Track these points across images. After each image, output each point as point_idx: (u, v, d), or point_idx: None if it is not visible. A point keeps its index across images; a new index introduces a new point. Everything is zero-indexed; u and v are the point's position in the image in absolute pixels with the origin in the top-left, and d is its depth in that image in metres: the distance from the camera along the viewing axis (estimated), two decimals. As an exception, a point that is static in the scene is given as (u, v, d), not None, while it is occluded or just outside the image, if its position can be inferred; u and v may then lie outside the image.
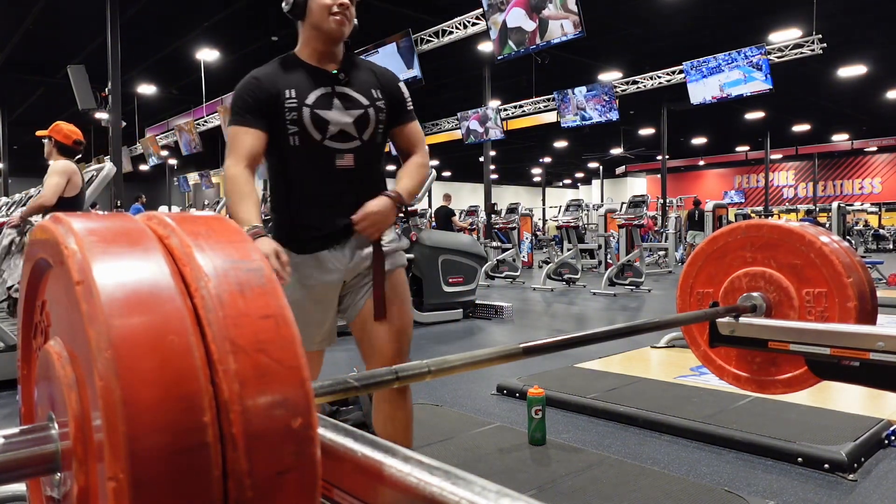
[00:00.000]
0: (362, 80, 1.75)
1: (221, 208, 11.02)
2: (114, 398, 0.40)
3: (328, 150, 1.68)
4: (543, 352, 1.08)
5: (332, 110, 1.68)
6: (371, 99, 1.73)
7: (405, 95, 1.82)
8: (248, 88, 1.69)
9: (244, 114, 1.68)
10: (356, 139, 1.71)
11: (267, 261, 0.50)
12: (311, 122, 1.66)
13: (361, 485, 0.56)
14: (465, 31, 9.81)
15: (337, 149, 1.69)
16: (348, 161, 1.70)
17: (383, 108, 1.75)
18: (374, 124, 1.73)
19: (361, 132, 1.71)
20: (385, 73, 1.83)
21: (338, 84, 1.71)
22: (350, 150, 1.70)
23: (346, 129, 1.69)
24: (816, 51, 9.61)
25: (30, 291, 0.62)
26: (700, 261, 1.66)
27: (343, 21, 1.69)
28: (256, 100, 1.67)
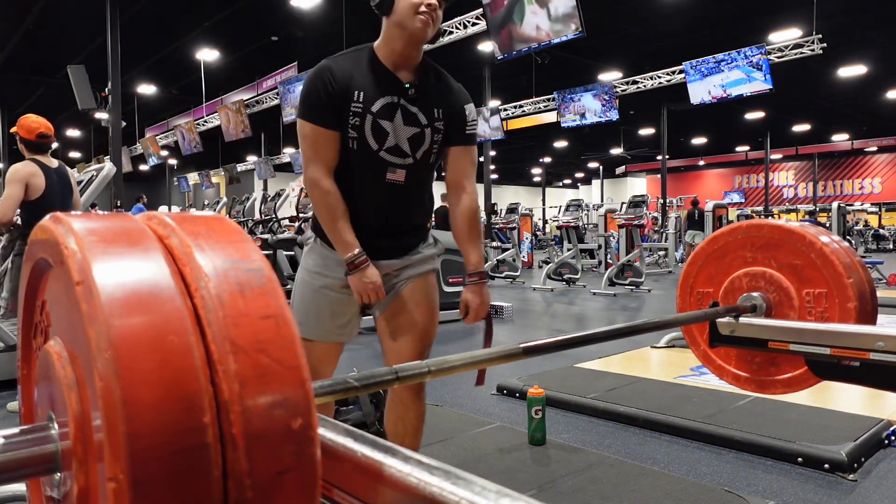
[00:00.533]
0: (430, 96, 1.70)
1: (221, 208, 11.02)
2: (114, 398, 0.40)
3: (382, 161, 1.67)
4: (543, 352, 1.08)
5: (392, 122, 1.66)
6: (431, 119, 1.69)
7: (469, 118, 1.76)
8: (324, 81, 1.64)
9: (322, 111, 1.63)
10: (409, 156, 1.69)
11: (267, 261, 0.50)
12: (372, 130, 1.64)
13: (361, 485, 0.56)
14: (465, 31, 9.81)
15: (390, 162, 1.68)
16: (399, 176, 1.69)
17: (441, 129, 1.71)
18: (428, 145, 1.70)
19: (415, 151, 1.69)
20: (456, 92, 1.76)
21: (405, 97, 1.67)
22: (402, 166, 1.69)
23: (401, 145, 1.67)
24: (816, 51, 9.61)
25: (30, 291, 0.62)
26: (700, 260, 1.66)
27: (428, 22, 1.61)
28: (329, 94, 1.63)
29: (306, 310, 1.75)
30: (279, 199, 8.56)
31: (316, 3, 10.80)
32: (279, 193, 8.82)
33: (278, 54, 13.46)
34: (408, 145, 1.67)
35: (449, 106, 1.72)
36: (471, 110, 1.77)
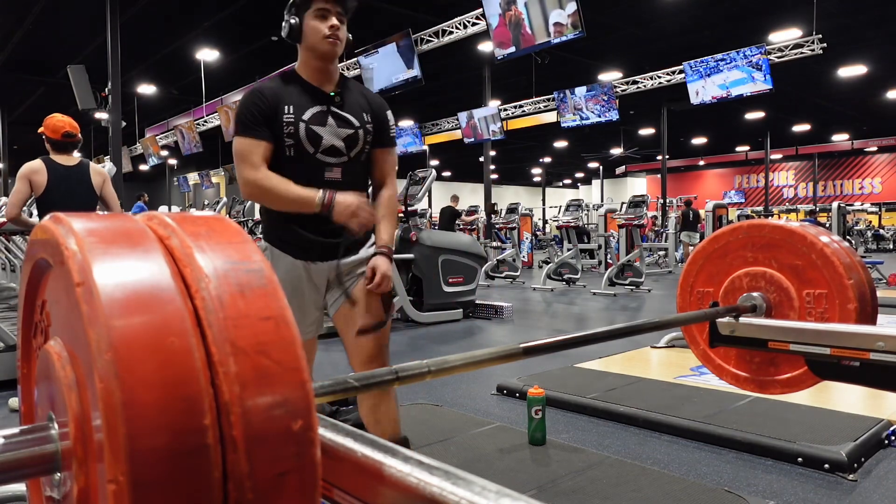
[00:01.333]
0: (354, 103, 1.93)
1: (221, 208, 11.02)
2: (114, 400, 0.40)
3: (319, 163, 1.86)
4: (543, 352, 1.08)
5: (325, 127, 1.86)
6: (361, 121, 1.91)
7: (390, 122, 2.00)
8: (254, 102, 1.84)
9: (254, 127, 1.82)
10: (345, 155, 1.89)
11: (267, 262, 0.50)
12: (306, 136, 1.84)
13: (361, 485, 0.56)
14: (465, 31, 9.81)
15: (327, 162, 1.87)
16: (336, 174, 1.88)
17: (371, 130, 1.93)
18: (361, 144, 1.91)
19: (350, 150, 1.89)
20: (375, 99, 2.00)
21: (332, 104, 1.88)
22: (338, 165, 1.88)
23: (336, 146, 1.87)
24: (816, 51, 9.61)
25: (30, 291, 0.62)
26: (701, 260, 1.66)
27: (335, 42, 1.84)
28: (262, 112, 1.82)
29: None
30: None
31: (316, 3, 10.79)
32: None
33: (278, 54, 13.46)
34: (343, 145, 1.88)
35: (373, 111, 1.96)
36: (390, 116, 2.01)
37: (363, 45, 10.76)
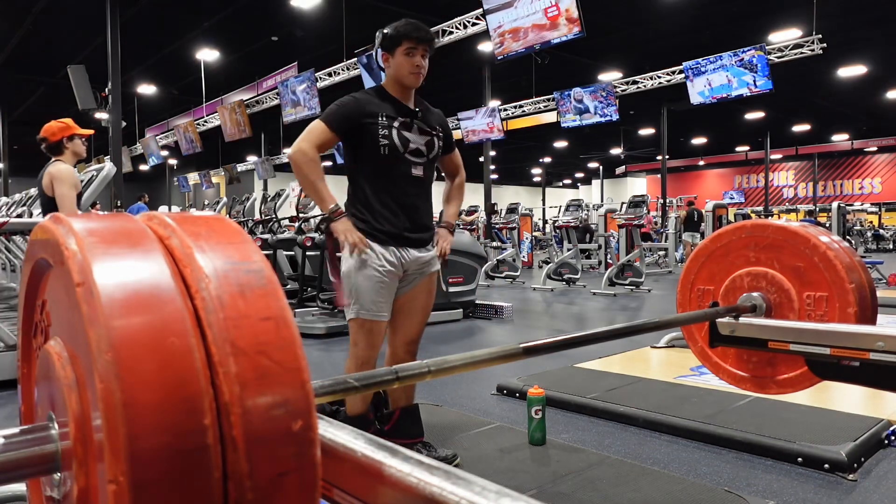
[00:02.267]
0: (430, 117, 2.38)
1: (221, 208, 11.02)
2: (114, 400, 0.40)
3: (407, 161, 2.28)
4: (543, 352, 1.08)
5: (411, 133, 2.29)
6: (435, 131, 2.37)
7: (450, 131, 2.48)
8: (347, 104, 2.25)
9: (334, 119, 2.22)
10: (425, 157, 2.32)
11: (267, 262, 0.50)
12: (398, 138, 2.25)
13: (361, 485, 0.56)
14: (465, 31, 9.81)
15: (413, 161, 2.29)
16: (419, 171, 2.31)
17: (441, 138, 2.39)
18: (436, 149, 2.37)
19: (429, 153, 2.34)
20: (441, 115, 2.47)
21: (415, 117, 2.32)
22: (421, 164, 2.31)
23: (420, 149, 2.30)
24: (816, 51, 9.61)
25: (30, 291, 0.62)
26: (703, 258, 1.66)
27: (419, 77, 2.27)
28: (349, 114, 2.23)
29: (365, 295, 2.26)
30: (279, 200, 8.56)
31: (316, 3, 10.80)
32: (279, 193, 8.82)
33: (278, 54, 13.46)
34: (425, 149, 2.32)
35: (441, 124, 2.42)
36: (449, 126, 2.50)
37: (363, 45, 10.76)
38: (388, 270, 2.24)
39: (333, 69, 12.01)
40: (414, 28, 2.23)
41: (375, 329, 2.27)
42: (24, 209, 6.22)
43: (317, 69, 12.08)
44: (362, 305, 2.23)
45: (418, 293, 2.36)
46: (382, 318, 2.27)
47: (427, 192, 2.38)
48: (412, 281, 2.35)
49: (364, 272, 2.22)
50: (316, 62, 12.26)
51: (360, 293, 2.23)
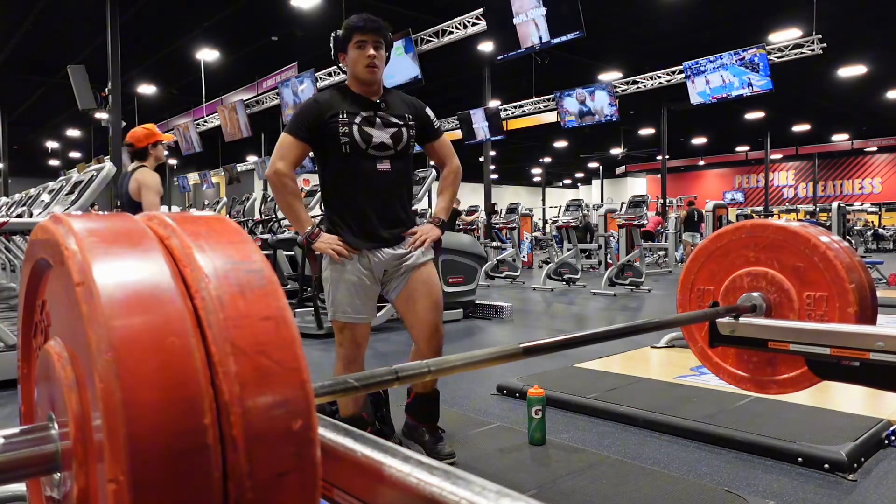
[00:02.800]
0: (397, 106, 2.29)
1: (221, 208, 11.02)
2: (114, 400, 0.40)
3: (371, 157, 2.22)
4: (543, 352, 1.08)
5: (374, 127, 2.22)
6: (404, 120, 2.28)
7: (432, 118, 2.38)
8: (306, 108, 2.25)
9: (298, 128, 2.22)
10: (391, 149, 2.25)
11: (267, 262, 0.50)
12: (359, 134, 2.20)
13: (361, 485, 0.56)
14: (465, 31, 9.81)
15: (377, 155, 2.23)
16: (386, 165, 2.24)
17: (413, 126, 2.30)
18: (406, 139, 2.28)
19: (396, 145, 2.26)
20: (414, 102, 2.37)
21: (379, 109, 2.25)
22: (386, 157, 2.24)
23: (384, 142, 2.23)
24: (816, 51, 9.61)
25: (30, 291, 0.62)
26: (703, 257, 1.66)
27: (374, 70, 2.21)
28: (310, 118, 2.21)
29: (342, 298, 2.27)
30: (279, 199, 8.55)
31: (316, 3, 10.80)
32: (279, 193, 8.80)
33: (278, 54, 13.46)
34: (391, 141, 2.24)
35: (413, 111, 2.32)
36: (429, 112, 2.40)
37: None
38: (362, 273, 2.26)
39: (333, 69, 12.01)
40: (360, 19, 2.20)
41: (355, 330, 2.30)
42: (24, 209, 6.21)
43: (317, 69, 12.08)
44: (339, 308, 2.27)
45: (414, 288, 2.30)
46: (360, 321, 2.29)
47: (399, 185, 2.29)
48: (402, 278, 2.30)
49: (340, 276, 2.26)
50: (316, 62, 12.26)
51: (336, 297, 2.27)
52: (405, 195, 2.33)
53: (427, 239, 2.29)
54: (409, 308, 2.32)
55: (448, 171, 2.43)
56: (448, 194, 2.44)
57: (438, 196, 2.45)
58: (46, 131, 21.78)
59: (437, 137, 2.40)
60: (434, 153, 2.41)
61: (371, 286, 2.29)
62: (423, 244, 2.28)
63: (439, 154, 2.41)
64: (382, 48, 2.23)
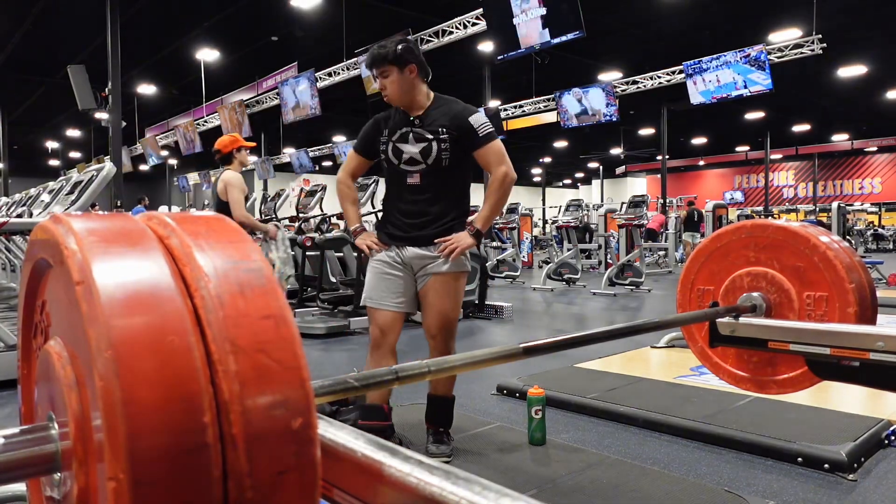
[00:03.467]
0: (434, 119, 2.41)
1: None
2: (114, 398, 0.40)
3: (402, 171, 2.42)
4: (543, 352, 1.08)
5: (407, 143, 2.41)
6: (435, 134, 2.38)
7: (474, 126, 2.39)
8: (366, 128, 2.54)
9: (359, 144, 2.57)
10: (422, 163, 2.40)
11: (267, 261, 0.50)
12: (392, 152, 2.43)
13: (361, 485, 0.56)
14: (465, 31, 9.81)
15: (406, 170, 2.42)
16: (416, 179, 2.41)
17: (446, 139, 2.37)
18: (434, 153, 2.38)
19: (426, 158, 2.39)
20: (459, 113, 2.42)
21: (414, 126, 2.42)
22: (417, 171, 2.41)
23: (414, 157, 2.40)
24: (816, 51, 9.61)
25: (30, 291, 0.62)
26: (703, 257, 1.66)
27: (386, 97, 2.42)
28: (367, 137, 2.53)
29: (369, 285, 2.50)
30: (279, 199, 8.56)
31: (316, 3, 10.80)
32: (279, 193, 8.82)
33: (278, 54, 13.46)
34: (419, 155, 2.40)
35: (454, 122, 2.39)
36: (476, 119, 2.40)
37: (363, 45, 10.76)
38: (386, 263, 2.45)
39: (333, 69, 12.01)
40: (368, 57, 2.45)
41: (378, 315, 2.46)
42: (24, 209, 6.21)
43: (317, 69, 12.08)
44: (366, 294, 2.50)
45: (426, 291, 2.45)
46: (381, 307, 2.46)
47: (431, 195, 2.41)
48: (423, 279, 2.46)
49: (371, 266, 2.51)
50: (316, 62, 12.26)
51: (367, 284, 2.51)
52: (441, 206, 2.42)
53: (457, 248, 2.38)
54: (423, 309, 2.51)
55: (492, 178, 2.44)
56: (489, 202, 2.46)
57: (485, 200, 2.50)
58: (46, 131, 21.79)
59: (482, 146, 2.40)
60: (480, 160, 2.45)
61: (397, 279, 2.45)
62: (452, 253, 2.38)
63: (483, 161, 2.44)
64: (391, 74, 2.37)
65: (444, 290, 2.42)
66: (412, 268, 2.45)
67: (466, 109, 2.43)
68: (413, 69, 2.38)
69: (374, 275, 2.47)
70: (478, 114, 2.42)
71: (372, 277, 2.48)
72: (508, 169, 2.43)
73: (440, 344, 2.48)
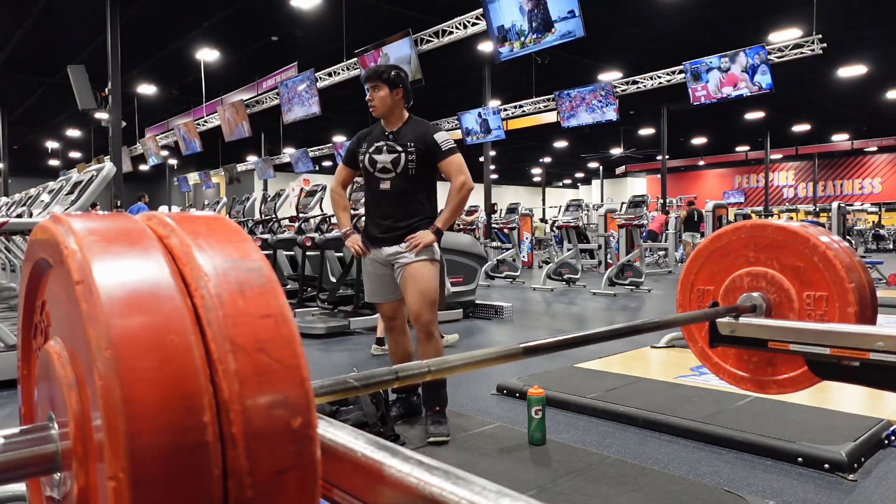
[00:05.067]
0: (405, 136, 2.80)
1: (221, 208, 11.02)
2: (114, 398, 0.40)
3: (376, 178, 2.82)
4: (543, 352, 1.08)
5: (381, 154, 2.80)
6: (405, 147, 2.77)
7: (439, 141, 2.79)
8: (351, 143, 2.94)
9: (346, 158, 2.96)
10: (392, 171, 2.79)
11: (267, 261, 0.50)
12: (368, 162, 2.82)
13: (361, 485, 0.56)
14: (465, 31, 9.80)
15: (380, 177, 2.81)
16: (386, 185, 2.80)
17: (413, 152, 2.77)
18: (404, 163, 2.77)
19: (395, 167, 2.78)
20: (427, 131, 2.82)
21: (387, 139, 2.81)
22: (387, 179, 2.80)
23: (386, 166, 2.79)
24: (816, 51, 9.60)
25: (30, 291, 0.62)
26: (703, 258, 1.66)
27: (373, 108, 2.81)
28: (351, 150, 2.93)
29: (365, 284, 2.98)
30: (279, 200, 8.55)
31: (316, 3, 10.80)
32: (279, 193, 8.81)
33: (278, 54, 13.46)
34: (390, 165, 2.79)
35: (421, 138, 2.78)
36: (439, 136, 2.80)
37: (363, 45, 10.76)
38: (375, 264, 2.86)
39: (333, 69, 12.01)
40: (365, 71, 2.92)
41: (382, 308, 2.94)
42: (24, 209, 6.21)
43: (317, 69, 12.08)
44: (368, 294, 2.98)
45: (403, 281, 2.80)
46: (378, 300, 2.92)
47: (401, 199, 2.80)
48: (398, 271, 2.81)
49: (363, 267, 2.96)
50: (316, 62, 12.25)
51: (365, 285, 2.99)
52: (409, 208, 2.80)
53: (420, 243, 2.74)
54: (404, 295, 2.82)
55: (452, 187, 2.83)
56: (449, 206, 2.84)
57: (445, 206, 2.87)
58: (46, 131, 21.79)
59: (444, 158, 2.80)
60: (442, 170, 2.85)
61: (386, 276, 2.86)
62: (416, 247, 2.74)
63: (445, 171, 2.83)
64: (381, 90, 2.76)
65: (416, 274, 2.75)
66: (392, 265, 2.81)
67: (432, 128, 2.84)
68: (399, 93, 2.80)
69: (367, 277, 2.92)
70: (441, 132, 2.82)
71: (366, 279, 2.93)
72: (466, 178, 2.83)
73: (421, 326, 2.78)
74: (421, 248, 2.73)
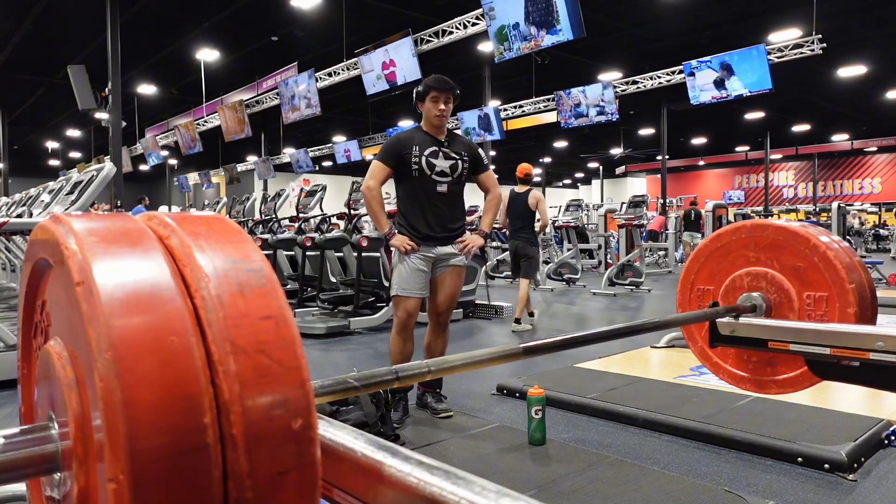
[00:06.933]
0: (455, 145, 3.10)
1: (221, 208, 11.02)
2: (114, 399, 0.40)
3: (433, 180, 3.01)
4: (543, 352, 1.08)
5: (437, 159, 3.02)
6: (460, 156, 3.08)
7: (482, 155, 3.23)
8: (393, 143, 3.05)
9: (386, 157, 3.02)
10: (449, 176, 3.04)
11: (267, 261, 0.50)
12: (426, 164, 2.99)
13: (361, 485, 0.56)
14: (465, 31, 9.80)
15: (438, 180, 3.02)
16: (444, 188, 3.03)
17: (466, 161, 3.09)
18: (460, 170, 3.07)
19: (453, 173, 3.05)
20: (469, 144, 3.21)
21: (442, 146, 3.05)
22: (444, 182, 3.03)
23: (444, 170, 3.03)
24: (816, 51, 9.60)
25: (30, 291, 0.62)
26: (703, 257, 1.66)
27: (442, 119, 3.03)
28: (395, 150, 3.01)
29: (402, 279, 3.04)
30: (279, 199, 8.55)
31: (316, 3, 10.80)
32: (279, 193, 8.80)
33: (278, 54, 13.46)
34: (449, 170, 3.04)
35: (468, 151, 3.13)
36: (481, 152, 3.24)
37: (363, 45, 10.76)
38: (419, 262, 3.02)
39: (333, 69, 12.01)
40: (436, 81, 3.00)
41: (407, 303, 3.05)
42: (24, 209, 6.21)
43: (317, 69, 12.07)
44: (399, 286, 3.03)
45: (444, 278, 3.06)
46: (413, 295, 3.04)
47: (452, 201, 3.08)
48: (441, 269, 3.06)
49: (404, 263, 3.03)
50: (316, 62, 12.25)
51: (400, 278, 3.04)
52: (457, 210, 3.12)
53: (474, 246, 3.10)
54: (435, 289, 3.09)
55: (490, 196, 3.21)
56: (490, 213, 3.21)
57: (483, 214, 3.26)
58: (46, 131, 21.78)
59: (485, 171, 3.22)
60: (481, 183, 3.23)
61: (425, 274, 3.04)
62: (470, 251, 3.08)
63: (484, 184, 3.23)
64: (451, 103, 3.03)
65: (458, 277, 3.10)
66: (435, 262, 3.05)
67: (474, 143, 3.23)
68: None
69: (410, 271, 3.02)
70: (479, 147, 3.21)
71: (407, 273, 3.03)
72: (500, 190, 3.30)
73: (444, 318, 3.13)
74: (474, 251, 3.09)
